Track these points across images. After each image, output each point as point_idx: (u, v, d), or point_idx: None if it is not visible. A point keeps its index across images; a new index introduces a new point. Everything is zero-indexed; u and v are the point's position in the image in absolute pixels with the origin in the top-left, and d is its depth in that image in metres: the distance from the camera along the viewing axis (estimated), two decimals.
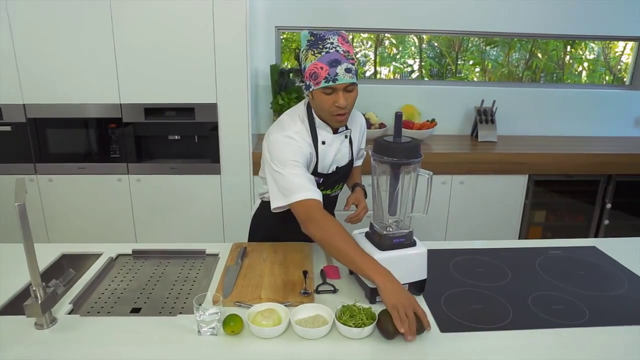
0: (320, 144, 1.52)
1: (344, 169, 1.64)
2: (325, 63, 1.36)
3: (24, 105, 2.58)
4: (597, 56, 3.92)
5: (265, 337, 1.17)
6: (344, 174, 1.67)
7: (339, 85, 1.37)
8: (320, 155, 1.53)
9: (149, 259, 1.65)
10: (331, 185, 1.64)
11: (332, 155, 1.56)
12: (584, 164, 2.90)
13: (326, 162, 1.55)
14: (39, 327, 1.21)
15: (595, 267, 1.60)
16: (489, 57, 3.91)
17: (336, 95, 1.39)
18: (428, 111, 3.25)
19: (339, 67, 1.36)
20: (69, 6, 2.43)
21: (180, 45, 2.51)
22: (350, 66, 1.38)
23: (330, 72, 1.36)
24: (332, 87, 1.38)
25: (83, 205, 2.74)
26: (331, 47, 1.38)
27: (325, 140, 1.53)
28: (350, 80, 1.38)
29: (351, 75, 1.38)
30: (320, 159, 1.53)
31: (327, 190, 1.64)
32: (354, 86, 1.42)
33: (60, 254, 1.63)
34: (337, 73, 1.36)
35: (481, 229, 2.96)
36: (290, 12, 3.05)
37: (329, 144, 1.54)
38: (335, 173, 1.61)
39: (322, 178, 1.56)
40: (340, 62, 1.36)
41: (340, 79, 1.36)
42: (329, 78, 1.36)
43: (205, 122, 2.65)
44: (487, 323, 1.26)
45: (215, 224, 2.80)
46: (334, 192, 1.70)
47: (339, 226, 1.34)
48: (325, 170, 1.56)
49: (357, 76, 1.43)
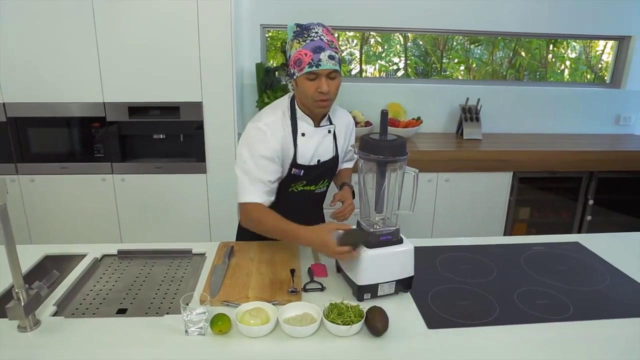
0: (299, 135, 1.55)
1: (327, 164, 1.64)
2: (309, 50, 1.40)
3: (3, 104, 2.53)
4: (579, 55, 3.98)
5: (253, 336, 1.16)
6: (328, 169, 1.67)
7: (322, 70, 1.40)
8: (299, 147, 1.55)
9: (135, 259, 1.63)
10: (314, 180, 1.64)
11: (313, 147, 1.57)
12: (567, 160, 2.95)
13: (306, 154, 1.57)
14: (22, 330, 1.19)
15: (578, 263, 1.63)
16: (473, 56, 3.94)
17: (319, 81, 1.42)
18: (414, 109, 3.27)
19: (323, 53, 1.40)
20: (52, 4, 2.38)
21: (165, 43, 2.48)
22: (334, 54, 1.42)
23: (313, 57, 1.39)
24: (315, 72, 1.41)
25: (66, 206, 2.70)
26: (316, 36, 1.42)
27: (305, 133, 1.55)
28: (333, 67, 1.41)
29: (334, 62, 1.41)
30: (300, 150, 1.55)
31: (312, 186, 1.64)
32: (337, 74, 1.45)
33: (43, 254, 1.60)
34: (320, 59, 1.39)
35: (467, 225, 2.98)
36: (275, 10, 3.04)
37: (309, 135, 1.56)
38: (317, 167, 1.61)
39: (303, 170, 1.57)
40: (324, 49, 1.40)
41: (324, 64, 1.40)
42: (313, 63, 1.40)
43: (191, 121, 2.63)
44: (474, 319, 1.28)
45: (201, 223, 2.78)
46: (319, 189, 1.69)
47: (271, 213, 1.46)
48: (306, 162, 1.57)
49: (341, 67, 1.47)
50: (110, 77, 2.52)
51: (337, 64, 1.43)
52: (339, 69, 1.44)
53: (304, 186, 1.62)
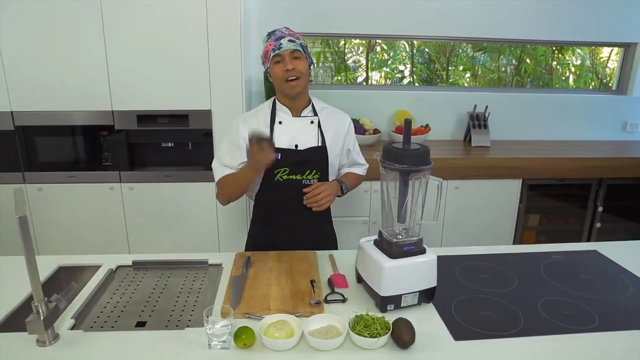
0: (277, 123, 1.70)
1: (309, 152, 1.69)
2: (273, 41, 1.62)
3: (11, 112, 2.51)
4: (583, 62, 3.99)
5: (278, 350, 1.14)
6: (312, 158, 1.69)
7: (284, 51, 1.59)
8: (275, 132, 1.69)
9: (150, 270, 1.60)
10: (298, 167, 1.67)
11: (290, 134, 1.69)
12: (576, 167, 2.94)
13: (283, 139, 1.69)
14: (41, 344, 1.16)
15: (599, 271, 1.61)
16: (478, 63, 3.95)
17: (284, 62, 1.59)
18: (421, 117, 3.27)
19: (283, 39, 1.60)
20: (60, 11, 2.37)
21: (174, 51, 2.47)
22: (294, 39, 1.61)
23: (275, 44, 1.60)
24: (279, 54, 1.59)
25: (74, 215, 2.67)
26: (279, 32, 1.64)
27: (283, 121, 1.71)
28: (293, 47, 1.59)
29: (295, 44, 1.60)
30: (276, 135, 1.69)
31: (297, 175, 1.68)
32: (300, 54, 1.61)
33: (57, 266, 1.58)
34: (281, 43, 1.59)
35: (476, 233, 2.97)
36: (283, 18, 3.03)
37: (287, 123, 1.70)
38: (296, 152, 1.67)
39: (280, 153, 1.65)
40: (285, 37, 1.61)
41: (284, 46, 1.59)
42: (275, 48, 1.60)
43: (199, 129, 2.61)
44: (499, 330, 1.26)
45: (210, 232, 2.75)
46: (306, 179, 1.69)
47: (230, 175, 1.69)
48: (282, 145, 1.67)
49: (306, 52, 1.65)
50: (119, 85, 2.50)
51: (298, 46, 1.60)
52: (301, 50, 1.61)
53: (289, 174, 1.68)
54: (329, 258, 1.64)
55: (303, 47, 1.63)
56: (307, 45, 1.69)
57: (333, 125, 1.76)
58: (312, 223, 1.75)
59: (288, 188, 1.68)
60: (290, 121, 1.70)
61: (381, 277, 1.29)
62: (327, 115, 1.76)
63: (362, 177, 1.92)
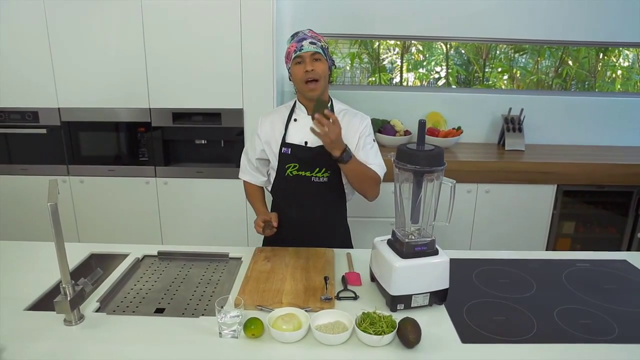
0: (292, 120, 1.77)
1: (319, 150, 1.65)
2: (295, 42, 1.66)
3: (58, 109, 2.67)
4: (632, 63, 3.81)
5: (285, 342, 1.18)
6: (323, 156, 1.64)
7: (305, 53, 1.63)
8: (289, 129, 1.76)
9: (174, 260, 1.68)
10: (307, 164, 1.71)
11: (303, 131, 1.71)
12: (616, 174, 2.82)
13: (296, 136, 1.75)
14: (67, 324, 1.25)
15: (625, 282, 1.56)
16: (517, 65, 3.84)
17: (304, 63, 1.63)
18: (454, 119, 3.22)
19: (305, 41, 1.64)
20: (103, 14, 2.51)
21: (209, 51, 2.56)
22: (315, 42, 1.65)
23: (297, 46, 1.64)
24: (300, 55, 1.63)
25: (112, 207, 2.82)
26: (301, 34, 1.68)
27: (298, 119, 1.77)
28: (313, 49, 1.62)
29: (315, 46, 1.63)
30: (290, 132, 1.76)
31: (307, 171, 1.72)
32: (320, 56, 1.64)
33: (89, 253, 1.68)
34: (302, 45, 1.63)
35: (507, 238, 2.90)
36: (316, 18, 3.07)
37: (301, 120, 1.75)
38: (305, 149, 1.71)
39: (291, 148, 1.73)
40: (306, 39, 1.65)
41: (305, 48, 1.63)
42: (297, 49, 1.64)
43: (232, 127, 2.69)
44: (510, 335, 1.24)
45: (239, 227, 2.83)
46: (316, 177, 1.71)
47: (253, 193, 1.90)
48: (293, 141, 1.74)
49: (327, 55, 1.68)
50: (156, 84, 2.62)
51: (319, 49, 1.64)
52: (321, 53, 1.64)
53: (298, 170, 1.72)
54: (346, 256, 1.66)
55: (324, 49, 1.67)
56: (328, 47, 1.72)
57: (349, 127, 1.73)
58: (324, 220, 1.78)
59: (297, 184, 1.73)
60: (305, 119, 1.73)
61: (391, 276, 1.30)
62: (344, 116, 1.75)
63: (373, 172, 1.74)
